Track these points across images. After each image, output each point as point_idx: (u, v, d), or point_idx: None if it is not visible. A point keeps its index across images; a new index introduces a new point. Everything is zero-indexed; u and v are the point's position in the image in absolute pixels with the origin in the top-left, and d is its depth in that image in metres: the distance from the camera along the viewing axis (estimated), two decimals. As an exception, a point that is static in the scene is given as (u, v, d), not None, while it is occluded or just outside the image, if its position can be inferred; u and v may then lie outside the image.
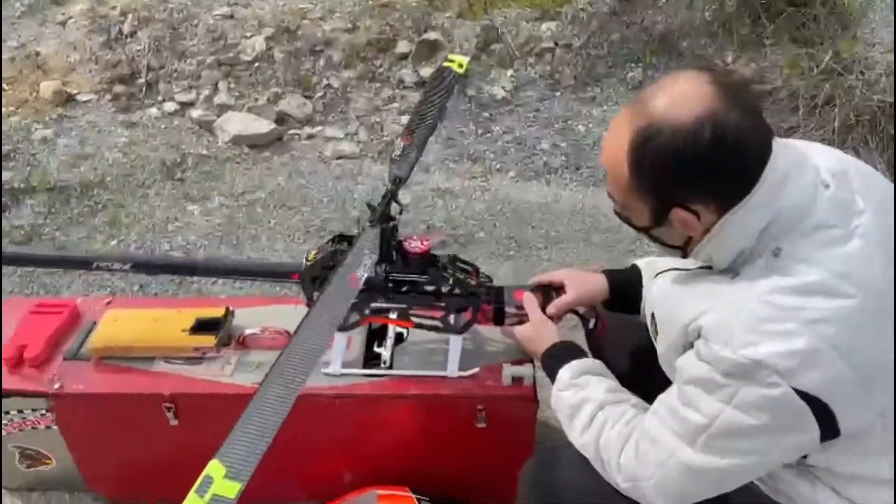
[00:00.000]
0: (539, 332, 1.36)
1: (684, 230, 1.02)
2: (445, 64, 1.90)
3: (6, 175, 2.82)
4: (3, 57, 3.31)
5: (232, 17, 3.85)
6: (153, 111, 3.25)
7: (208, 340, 1.53)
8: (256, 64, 3.59)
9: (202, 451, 0.97)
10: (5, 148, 2.96)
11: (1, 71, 2.80)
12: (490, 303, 1.43)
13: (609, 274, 1.47)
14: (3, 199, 2.70)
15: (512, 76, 3.60)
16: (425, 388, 1.48)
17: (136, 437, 1.55)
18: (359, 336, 1.60)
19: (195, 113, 3.26)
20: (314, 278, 1.44)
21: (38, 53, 3.37)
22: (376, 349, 1.59)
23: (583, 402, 1.19)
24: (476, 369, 1.49)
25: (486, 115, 3.41)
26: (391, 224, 1.40)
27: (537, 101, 3.50)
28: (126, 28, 3.64)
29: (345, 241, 1.43)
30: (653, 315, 1.19)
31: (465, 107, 3.45)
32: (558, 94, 3.55)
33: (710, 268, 1.08)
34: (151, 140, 3.06)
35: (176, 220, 2.67)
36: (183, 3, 3.77)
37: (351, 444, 1.56)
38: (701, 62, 3.63)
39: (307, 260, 1.44)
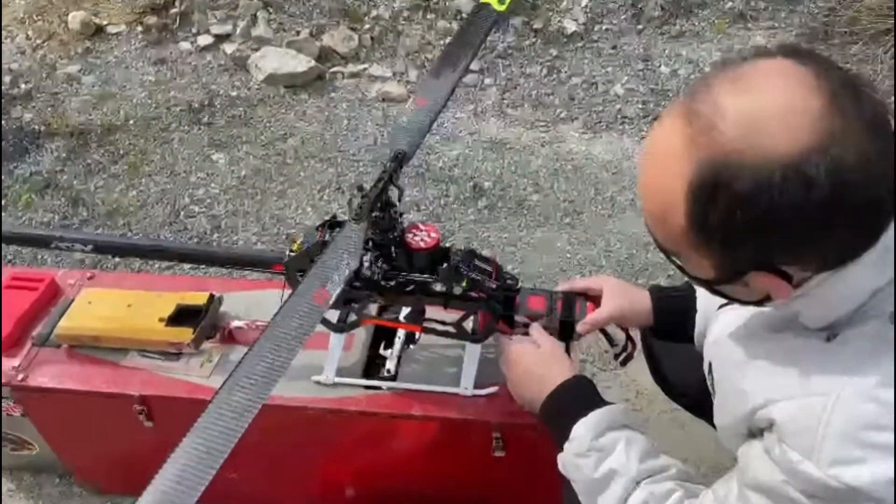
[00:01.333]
0: (548, 364, 1.09)
1: (765, 290, 0.74)
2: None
3: (27, 116, 2.72)
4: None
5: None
6: (185, 45, 3.06)
7: (185, 335, 1.35)
8: (300, -10, 3.32)
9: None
10: (27, 86, 2.85)
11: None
12: (498, 308, 1.18)
13: (655, 293, 1.19)
14: (22, 142, 2.61)
15: (586, 6, 3.20)
16: (433, 407, 1.25)
17: (111, 436, 1.42)
18: (362, 334, 1.39)
19: (230, 48, 3.05)
20: (300, 271, 1.23)
21: (70, -19, 3.22)
22: (382, 352, 1.37)
23: (611, 476, 0.94)
24: (495, 388, 1.26)
25: (553, 52, 3.05)
26: (391, 212, 1.15)
27: (615, 35, 3.10)
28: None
29: (337, 227, 1.19)
30: (710, 366, 0.91)
31: (530, 42, 3.09)
32: (640, 27, 3.13)
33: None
34: (179, 79, 2.87)
35: (199, 170, 2.51)
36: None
37: (349, 461, 1.37)
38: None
39: (291, 250, 1.22)
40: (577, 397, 1.05)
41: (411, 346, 1.36)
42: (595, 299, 1.19)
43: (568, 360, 1.12)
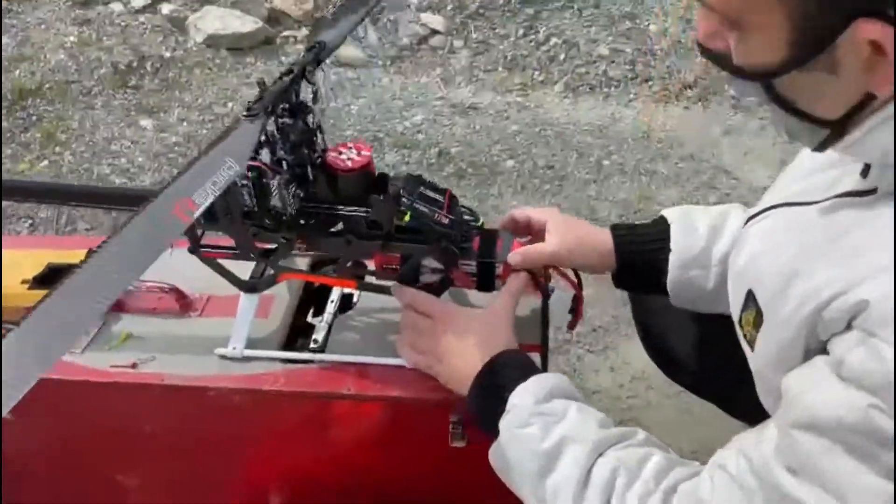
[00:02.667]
0: (494, 330, 0.89)
1: (866, 73, 0.53)
2: None
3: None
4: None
5: None
6: (116, 7, 2.79)
7: (51, 298, 1.07)
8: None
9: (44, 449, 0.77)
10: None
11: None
12: (468, 256, 0.93)
13: (619, 230, 0.97)
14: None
15: (566, -37, 2.97)
16: (371, 384, 0.99)
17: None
18: (285, 299, 1.12)
19: (167, 7, 2.78)
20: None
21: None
22: (311, 319, 1.10)
23: (564, 444, 0.73)
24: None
25: (529, 11, 2.82)
26: (305, 120, 0.89)
27: (597, -6, 2.88)
28: None
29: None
30: (748, 297, 0.66)
31: (504, 1, 2.86)
32: (625, -15, 2.91)
33: (866, 193, 0.59)
34: (106, 40, 2.60)
35: (124, 136, 2.23)
36: None
37: (265, 457, 1.10)
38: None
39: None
40: (515, 368, 0.84)
41: (348, 312, 1.10)
42: (539, 236, 0.96)
43: (512, 328, 0.90)
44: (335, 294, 1.12)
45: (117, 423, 1.05)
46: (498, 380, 0.83)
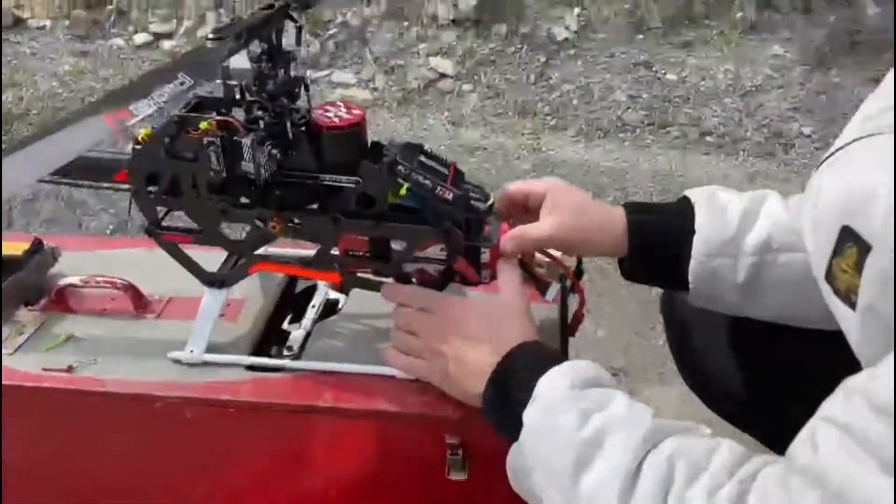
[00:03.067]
0: (505, 320, 0.74)
1: None
2: None
3: None
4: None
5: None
6: (118, 42, 2.74)
7: (-19, 289, 0.92)
8: (257, -6, 3.06)
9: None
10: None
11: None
12: (457, 236, 0.78)
13: (632, 209, 0.83)
14: None
15: (579, 15, 2.94)
16: (353, 396, 0.82)
17: None
18: (257, 302, 0.96)
19: (168, 44, 2.73)
20: (152, 177, 0.82)
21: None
22: (286, 326, 0.94)
23: (607, 431, 0.59)
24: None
25: (541, 59, 2.76)
26: (286, 67, 0.76)
27: (612, 44, 2.83)
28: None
29: (210, 108, 0.79)
30: (843, 236, 0.52)
31: (515, 49, 2.81)
32: (640, 37, 2.86)
33: None
34: (102, 71, 2.53)
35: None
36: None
37: (222, 481, 0.92)
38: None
39: (136, 142, 0.82)
40: (541, 357, 0.69)
41: (331, 318, 0.94)
42: (536, 214, 0.82)
43: (532, 319, 0.75)
44: (317, 299, 0.96)
45: (49, 437, 0.88)
46: (520, 370, 0.68)
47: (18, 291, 0.95)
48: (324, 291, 0.97)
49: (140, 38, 2.78)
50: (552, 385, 0.63)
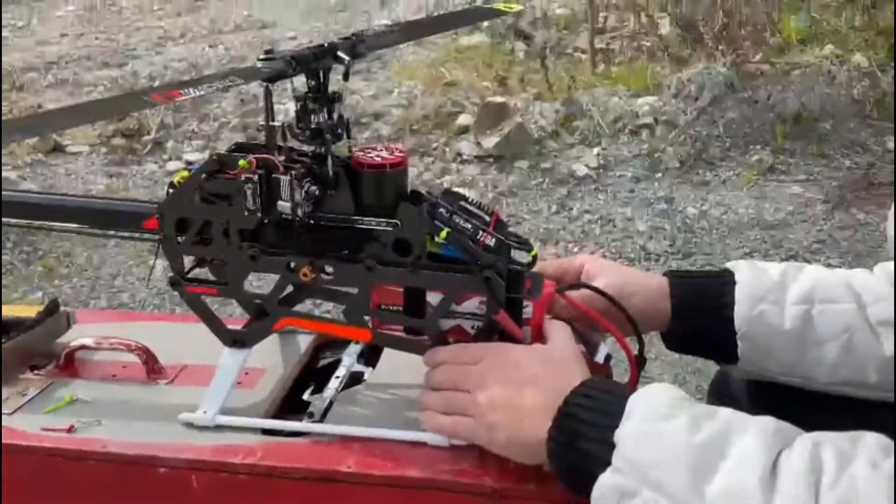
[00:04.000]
0: (564, 364, 0.69)
1: None
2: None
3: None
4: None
5: (270, 85, 3.57)
6: (151, 167, 2.84)
7: (-13, 345, 0.87)
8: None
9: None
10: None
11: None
12: (498, 286, 0.74)
13: (674, 274, 0.83)
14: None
15: (599, 154, 3.04)
16: (379, 462, 0.74)
17: None
18: (277, 372, 0.90)
19: (199, 170, 2.83)
20: (182, 222, 0.80)
21: (40, 106, 3.11)
22: (307, 397, 0.88)
23: (728, 433, 0.53)
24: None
25: (562, 191, 2.82)
26: (333, 107, 0.75)
27: (631, 181, 2.90)
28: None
29: (248, 150, 0.78)
30: None
31: (537, 182, 2.88)
32: (659, 175, 2.94)
33: None
34: (134, 191, 2.61)
35: (130, 273, 2.12)
36: (219, 68, 3.53)
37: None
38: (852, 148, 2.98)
39: (171, 185, 0.80)
40: (616, 391, 0.63)
41: (356, 388, 0.87)
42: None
43: (579, 351, 0.72)
44: (341, 371, 0.90)
45: (47, 501, 0.79)
46: (596, 399, 0.62)
47: (25, 353, 0.90)
48: (348, 363, 0.91)
49: (173, 165, 2.89)
50: (649, 397, 0.58)
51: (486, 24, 4.17)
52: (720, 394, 0.92)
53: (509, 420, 0.66)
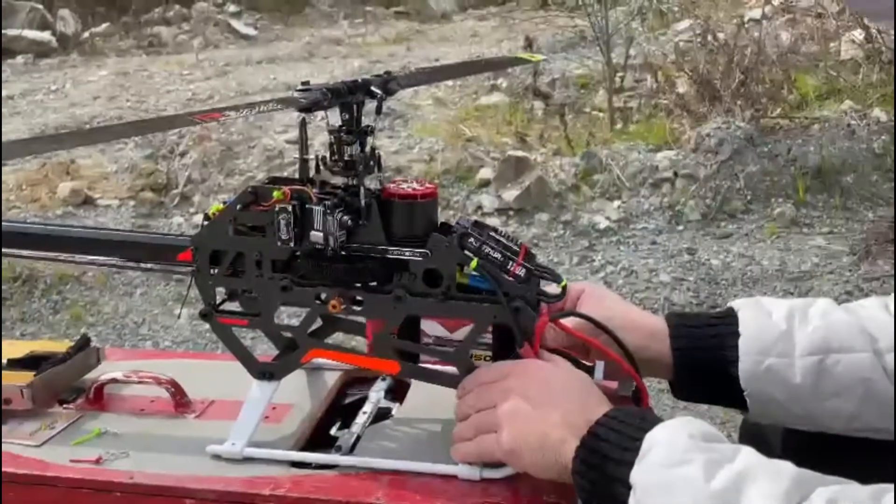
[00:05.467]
0: (587, 389, 0.70)
1: None
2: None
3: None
4: (32, 163, 3.16)
5: (294, 141, 3.65)
6: (178, 220, 2.90)
7: (17, 379, 0.88)
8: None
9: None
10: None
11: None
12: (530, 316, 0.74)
13: (675, 317, 0.81)
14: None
15: (619, 206, 3.05)
16: (409, 495, 0.73)
17: None
18: (304, 409, 0.90)
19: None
20: (216, 254, 0.81)
21: (72, 161, 3.20)
22: (335, 432, 0.87)
23: (743, 481, 0.51)
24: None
25: (584, 243, 2.82)
26: (365, 140, 0.77)
27: (653, 233, 2.90)
28: (181, 147, 3.47)
29: (282, 183, 0.80)
30: None
31: (558, 234, 2.89)
32: (681, 228, 2.94)
33: None
34: (161, 242, 2.65)
35: (155, 321, 2.14)
36: (246, 126, 3.62)
37: None
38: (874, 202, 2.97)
39: (206, 217, 0.82)
40: (643, 418, 0.62)
41: (384, 422, 0.87)
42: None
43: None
44: (369, 407, 0.90)
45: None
46: (622, 428, 0.61)
47: (55, 386, 0.91)
48: (375, 399, 0.91)
49: (199, 219, 2.94)
50: (667, 437, 0.56)
51: (504, 84, 4.27)
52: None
53: (532, 430, 0.65)
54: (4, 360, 0.92)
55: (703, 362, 0.76)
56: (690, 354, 0.77)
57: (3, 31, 5.53)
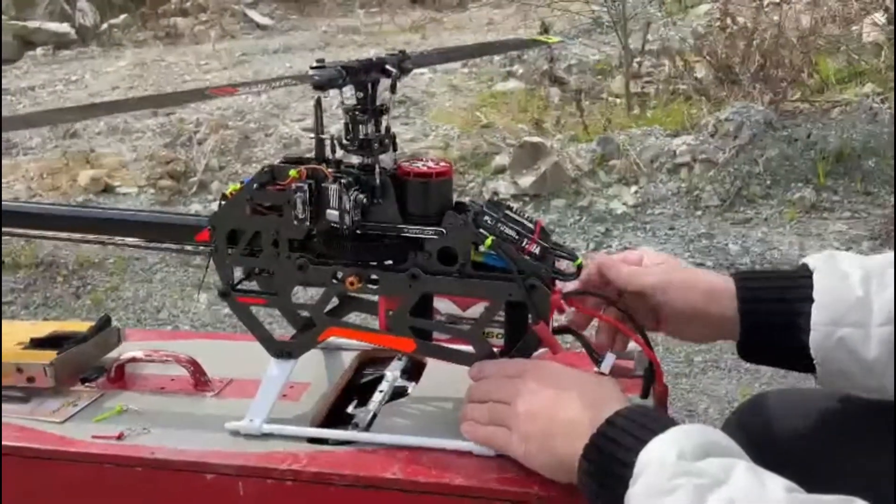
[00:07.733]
0: (600, 387, 0.70)
1: None
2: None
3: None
4: (54, 152, 3.19)
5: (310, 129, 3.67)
6: (196, 207, 2.92)
7: (40, 358, 0.89)
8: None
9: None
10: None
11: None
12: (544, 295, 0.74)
13: (744, 281, 0.76)
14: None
15: (636, 192, 3.03)
16: (425, 470, 0.73)
17: None
18: (321, 387, 0.91)
19: (242, 210, 2.90)
20: (233, 234, 0.82)
21: (92, 150, 3.23)
22: (351, 410, 0.88)
23: None
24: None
25: (600, 229, 2.81)
26: (380, 119, 0.77)
27: (670, 218, 2.88)
28: (199, 136, 3.49)
29: (298, 163, 0.80)
30: None
31: (573, 220, 2.87)
32: (699, 213, 2.91)
33: None
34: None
35: (175, 306, 2.16)
36: (262, 115, 3.63)
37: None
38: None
39: (223, 197, 0.83)
40: (646, 422, 0.62)
41: (400, 400, 0.87)
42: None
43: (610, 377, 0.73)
44: (385, 385, 0.90)
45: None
46: (621, 439, 0.61)
47: (76, 365, 0.92)
48: (391, 378, 0.91)
49: (216, 205, 2.96)
50: (660, 456, 0.56)
51: (520, 70, 4.24)
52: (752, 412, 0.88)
53: (544, 433, 0.66)
54: (28, 340, 0.94)
55: (773, 327, 0.73)
56: (758, 318, 0.73)
57: (24, 24, 5.59)
